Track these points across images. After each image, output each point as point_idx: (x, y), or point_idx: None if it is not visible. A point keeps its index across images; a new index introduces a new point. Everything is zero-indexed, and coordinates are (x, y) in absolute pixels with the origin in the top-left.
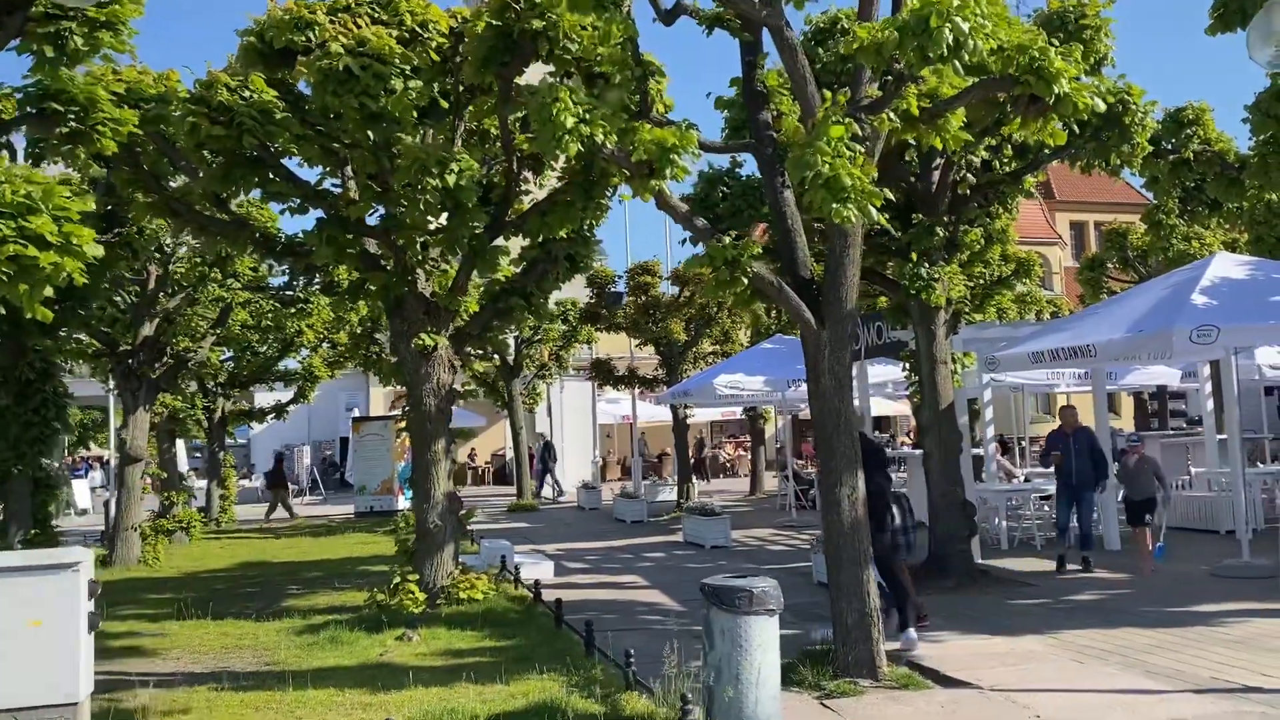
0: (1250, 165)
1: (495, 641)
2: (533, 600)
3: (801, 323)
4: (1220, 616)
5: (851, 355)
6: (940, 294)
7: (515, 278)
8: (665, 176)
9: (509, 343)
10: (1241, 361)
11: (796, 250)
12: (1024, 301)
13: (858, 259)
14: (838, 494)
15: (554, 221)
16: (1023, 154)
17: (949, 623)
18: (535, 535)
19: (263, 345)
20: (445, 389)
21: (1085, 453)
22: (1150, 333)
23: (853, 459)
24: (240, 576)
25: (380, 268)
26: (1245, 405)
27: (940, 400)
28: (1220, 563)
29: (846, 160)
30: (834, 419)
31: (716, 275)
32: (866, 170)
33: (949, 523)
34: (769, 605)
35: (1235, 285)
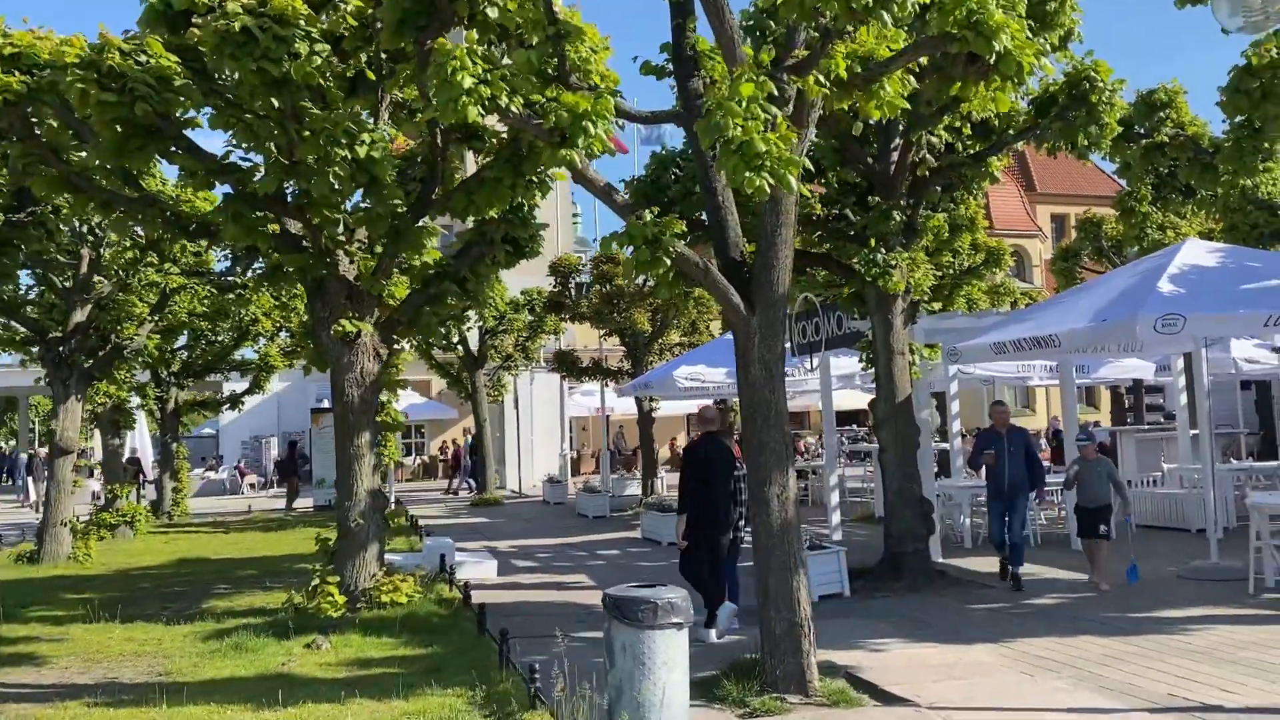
0: (1224, 150)
1: (410, 650)
2: (462, 604)
3: (729, 308)
4: (1184, 623)
5: (810, 346)
6: (897, 281)
7: (448, 261)
8: (578, 145)
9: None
10: (1217, 355)
11: (727, 230)
12: (998, 293)
13: (790, 239)
14: (766, 493)
15: (481, 200)
16: (986, 135)
17: (898, 628)
18: (492, 531)
19: (217, 334)
20: (370, 379)
21: (1020, 454)
22: (1114, 322)
23: (783, 455)
24: (171, 575)
25: (302, 249)
26: (1221, 400)
27: (897, 392)
28: (1188, 564)
29: (761, 123)
30: (764, 411)
31: (637, 255)
32: (786, 136)
33: (905, 520)
34: (676, 618)
35: (1204, 273)
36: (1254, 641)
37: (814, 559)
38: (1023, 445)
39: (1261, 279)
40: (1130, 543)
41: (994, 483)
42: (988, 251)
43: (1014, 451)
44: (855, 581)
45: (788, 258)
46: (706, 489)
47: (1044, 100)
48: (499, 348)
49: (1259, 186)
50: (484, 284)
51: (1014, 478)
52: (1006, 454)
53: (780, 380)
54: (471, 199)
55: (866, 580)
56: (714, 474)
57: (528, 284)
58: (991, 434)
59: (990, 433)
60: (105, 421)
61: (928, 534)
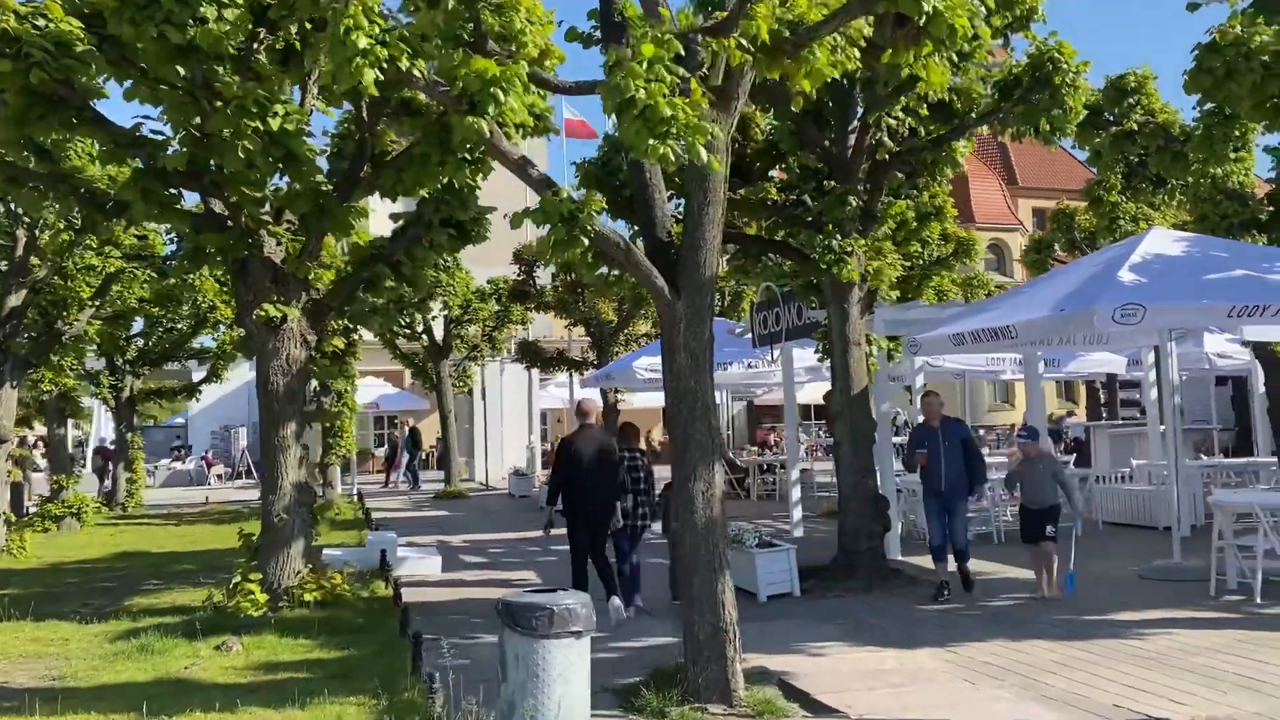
0: (1194, 138)
1: (325, 653)
2: (393, 602)
3: (654, 292)
4: (1139, 627)
5: (771, 337)
6: (853, 269)
7: (382, 244)
8: (488, 113)
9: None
10: (1189, 349)
11: (654, 208)
12: (972, 285)
13: (719, 219)
14: (692, 490)
15: (410, 179)
16: (948, 119)
17: (843, 630)
18: (449, 524)
19: (175, 321)
20: (296, 366)
21: (957, 451)
22: (1072, 312)
23: (709, 449)
24: (104, 569)
25: (225, 228)
26: (1194, 395)
27: (853, 384)
28: (1150, 564)
29: (666, 86)
30: (689, 402)
31: (553, 234)
32: (697, 102)
33: (859, 517)
34: (575, 626)
35: (1168, 263)
36: (1209, 647)
37: (763, 557)
38: (960, 440)
39: (1227, 269)
40: (1072, 550)
41: (929, 482)
42: (958, 242)
43: (950, 447)
44: (808, 580)
45: (715, 239)
46: (578, 482)
47: (1007, 83)
48: (465, 337)
49: (1229, 176)
50: (422, 269)
51: (951, 476)
52: (941, 450)
53: (708, 369)
54: (400, 177)
55: (819, 579)
56: (585, 466)
57: (495, 273)
58: (924, 429)
59: (923, 428)
60: (51, 410)
61: (883, 531)
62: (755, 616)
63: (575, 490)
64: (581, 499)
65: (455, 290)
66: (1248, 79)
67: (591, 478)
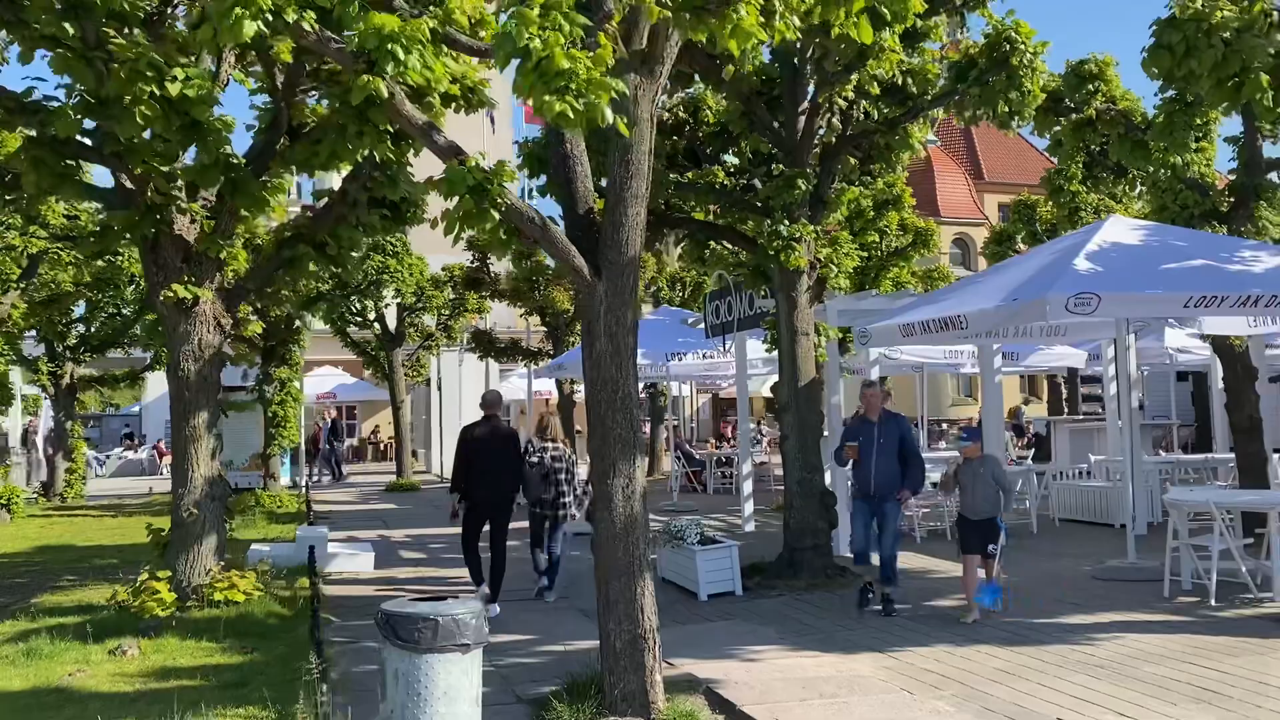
0: (1155, 125)
1: (227, 658)
2: (311, 602)
3: (572, 271)
4: (1089, 631)
5: (723, 327)
6: (801, 255)
7: (305, 223)
8: (386, 73)
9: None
10: (1150, 344)
11: (575, 182)
12: (932, 278)
13: (643, 194)
14: (610, 486)
15: (325, 152)
16: (903, 102)
17: (782, 632)
18: (395, 518)
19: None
20: (210, 351)
21: (892, 448)
22: (1025, 301)
23: (631, 443)
24: (21, 564)
25: (133, 203)
26: (1156, 391)
27: (800, 375)
28: (1104, 563)
29: (564, 37)
30: (609, 392)
31: (461, 206)
32: (602, 57)
33: (805, 514)
34: (463, 639)
35: (1125, 251)
36: (1161, 653)
37: (704, 555)
38: (897, 436)
39: (1186, 259)
40: (998, 560)
41: (858, 481)
42: (916, 232)
43: (885, 444)
44: (752, 578)
45: (639, 215)
46: (477, 472)
47: (963, 65)
48: (419, 326)
49: (1190, 165)
50: (349, 251)
51: (882, 476)
52: (875, 446)
53: (630, 357)
54: (316, 150)
55: (764, 577)
56: (484, 457)
57: (452, 260)
58: (860, 422)
59: (859, 421)
60: None
61: (829, 528)
62: (694, 617)
63: (474, 480)
64: (479, 489)
65: (403, 277)
66: (1208, 56)
67: (490, 468)
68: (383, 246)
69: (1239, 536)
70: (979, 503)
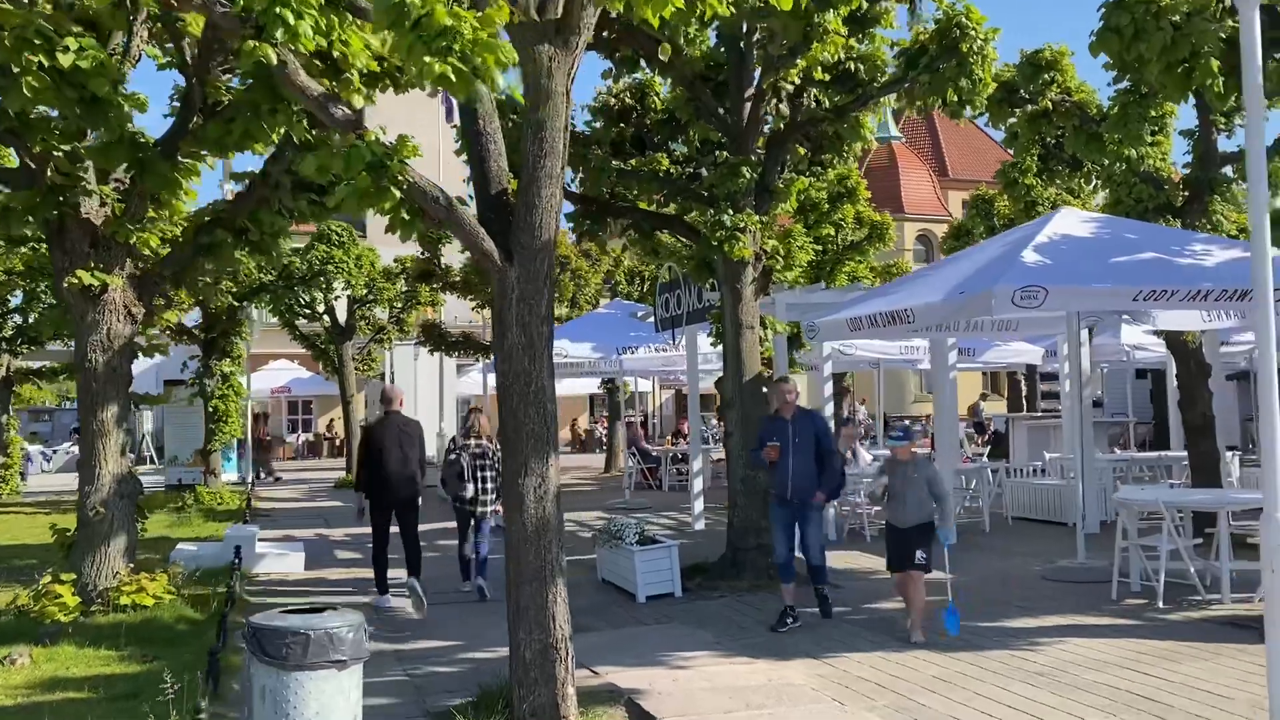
0: (1110, 117)
1: (125, 667)
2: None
3: (481, 256)
4: (1033, 636)
5: (672, 321)
6: (745, 246)
7: (224, 207)
8: (275, 39)
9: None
10: (1107, 340)
11: (487, 161)
12: (890, 273)
13: (558, 174)
14: (521, 486)
15: (237, 131)
16: (852, 90)
17: (717, 636)
18: (336, 516)
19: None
20: (120, 342)
21: (808, 447)
22: (971, 295)
23: (545, 439)
24: None
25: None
26: (1115, 388)
27: (745, 371)
28: (1054, 563)
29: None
30: (522, 385)
31: (357, 184)
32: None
33: (748, 512)
34: (337, 654)
35: (1075, 244)
36: (1105, 659)
37: (643, 555)
38: (812, 435)
39: (1136, 251)
40: (949, 576)
41: (775, 485)
42: (872, 226)
43: (800, 444)
44: (694, 578)
45: (554, 197)
46: (380, 467)
47: (914, 52)
48: (370, 319)
49: (1144, 158)
50: (273, 236)
51: (800, 479)
52: (791, 446)
53: (544, 347)
54: (229, 129)
55: (706, 577)
56: (387, 452)
57: (405, 251)
58: (773, 421)
59: (772, 419)
60: None
61: None
62: (629, 621)
63: (378, 476)
64: (384, 484)
65: (348, 268)
66: (1157, 40)
67: (393, 463)
68: (328, 235)
69: (1189, 536)
70: (909, 509)
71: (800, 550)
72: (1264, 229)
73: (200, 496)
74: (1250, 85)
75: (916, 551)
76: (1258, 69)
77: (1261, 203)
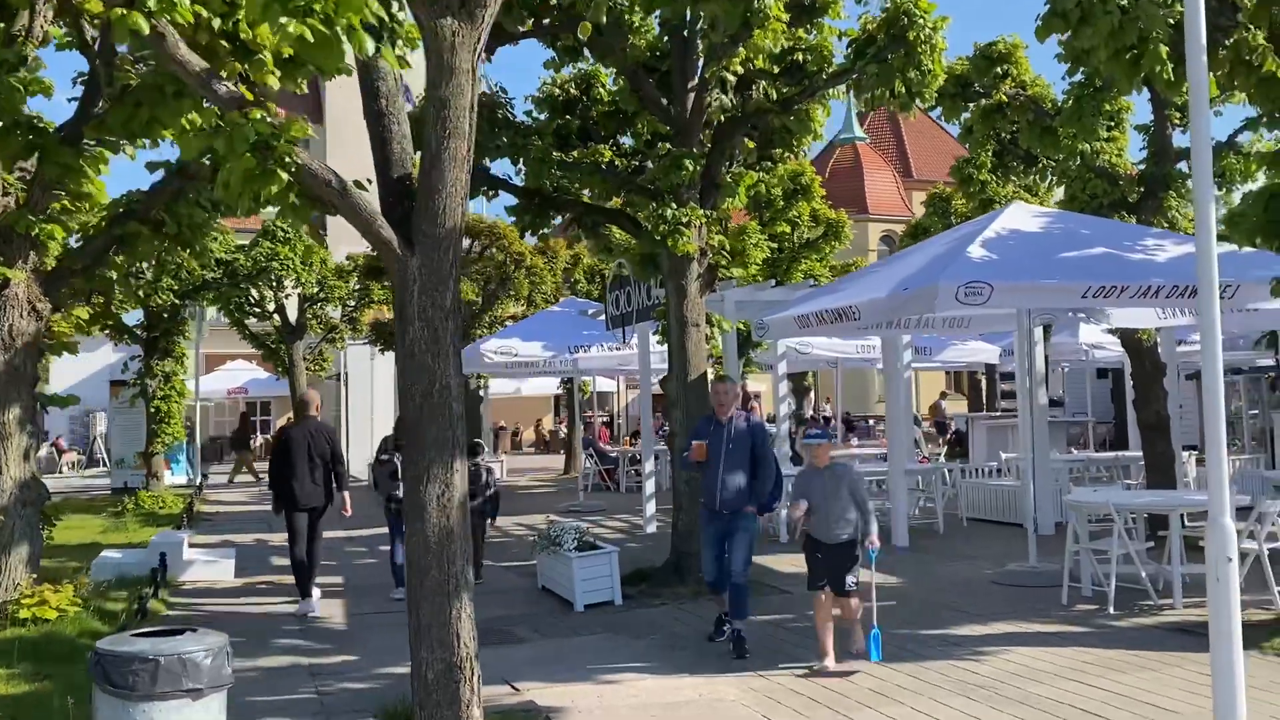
0: (1064, 110)
1: (12, 687)
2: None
3: (379, 245)
4: (977, 645)
5: (622, 319)
6: (689, 241)
7: (139, 198)
8: (148, 7)
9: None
10: (1064, 340)
11: (390, 142)
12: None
13: (463, 156)
14: (423, 494)
15: (144, 115)
16: (800, 81)
17: (652, 648)
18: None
19: None
20: (23, 339)
21: (742, 455)
22: (915, 290)
23: (449, 444)
24: None
25: None
26: (1074, 387)
27: (690, 369)
28: (1005, 567)
29: None
30: (425, 384)
31: (241, 165)
32: None
33: (693, 516)
34: (192, 682)
35: (1025, 239)
36: (1050, 670)
37: (581, 562)
38: (748, 442)
39: (1087, 247)
40: (874, 598)
41: (704, 494)
42: (828, 224)
43: (734, 450)
44: (637, 585)
45: (460, 181)
46: (292, 471)
47: (861, 42)
48: (321, 318)
49: (1099, 153)
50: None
51: (730, 490)
52: (723, 452)
53: (450, 344)
54: (135, 114)
55: (650, 584)
56: (299, 456)
57: (357, 249)
58: (710, 423)
59: (709, 421)
60: None
61: None
62: (562, 631)
63: (290, 479)
64: (296, 488)
65: (294, 265)
66: (1103, 23)
67: (302, 469)
68: (272, 232)
69: (1142, 540)
70: (834, 523)
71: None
72: (1209, 221)
73: (141, 500)
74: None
75: (847, 576)
76: (1201, 48)
77: (1206, 191)
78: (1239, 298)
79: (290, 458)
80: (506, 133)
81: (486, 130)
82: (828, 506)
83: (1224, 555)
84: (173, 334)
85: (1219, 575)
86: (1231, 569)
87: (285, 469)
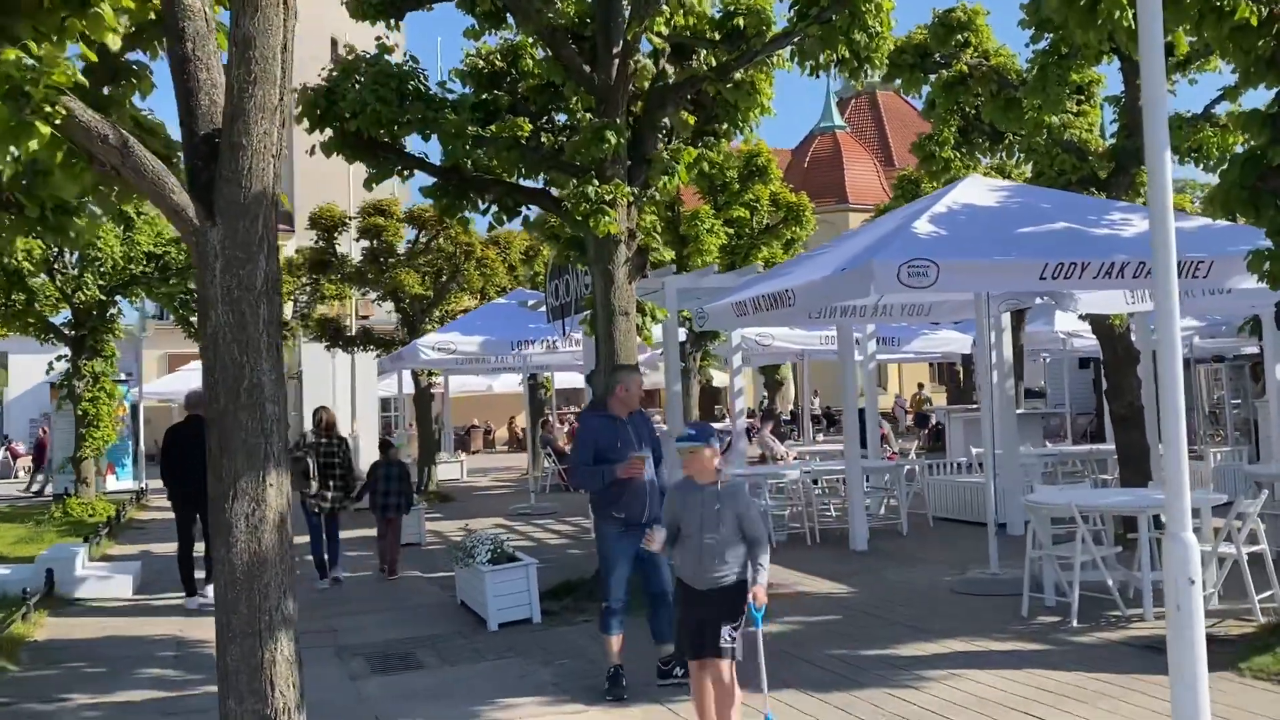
0: (1029, 80)
1: None
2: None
3: (170, 214)
4: (921, 667)
5: (562, 309)
6: (613, 221)
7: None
8: None
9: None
10: (1040, 328)
11: (196, 91)
12: None
13: (271, 106)
14: (230, 513)
15: None
16: (737, 46)
17: (560, 674)
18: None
19: None
20: None
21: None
22: (851, 270)
23: (260, 452)
24: None
25: None
26: (1055, 377)
27: (618, 362)
28: (965, 573)
29: None
30: (230, 381)
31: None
32: None
33: None
34: None
35: (978, 214)
36: (999, 698)
37: (495, 576)
38: (651, 442)
39: (1047, 222)
40: (761, 660)
41: (624, 508)
42: (788, 208)
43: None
44: (562, 599)
45: (271, 138)
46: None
47: (804, 3)
48: None
49: (1066, 127)
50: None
51: (655, 496)
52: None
53: (263, 333)
54: None
55: (575, 598)
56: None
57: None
58: (605, 421)
59: (604, 419)
60: None
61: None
62: (468, 655)
63: (179, 478)
64: (185, 487)
65: None
66: None
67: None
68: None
69: (1110, 543)
70: (707, 561)
71: (649, 586)
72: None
73: (70, 508)
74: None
75: (722, 629)
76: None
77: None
78: (1214, 275)
79: (177, 456)
80: (416, 106)
81: (395, 103)
82: (701, 540)
83: (1185, 577)
84: (101, 332)
85: (1179, 603)
86: (1195, 592)
87: (172, 468)
